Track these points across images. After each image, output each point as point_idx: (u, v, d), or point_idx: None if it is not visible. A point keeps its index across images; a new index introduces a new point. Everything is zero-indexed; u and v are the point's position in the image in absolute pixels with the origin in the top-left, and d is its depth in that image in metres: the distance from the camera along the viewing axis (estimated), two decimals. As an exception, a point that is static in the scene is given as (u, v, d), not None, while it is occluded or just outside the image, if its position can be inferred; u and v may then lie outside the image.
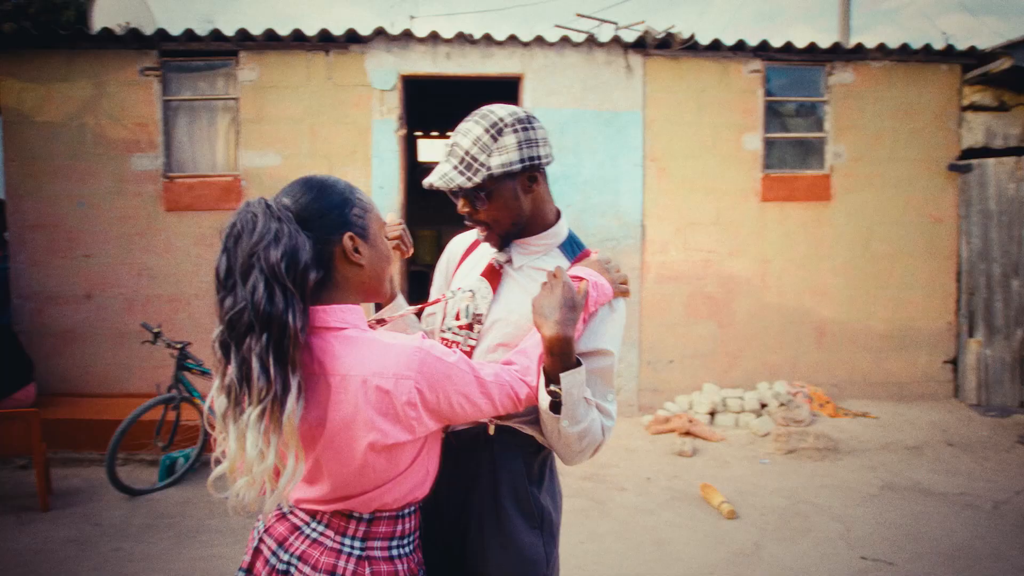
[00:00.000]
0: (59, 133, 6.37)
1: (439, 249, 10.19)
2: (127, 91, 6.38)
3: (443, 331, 1.80)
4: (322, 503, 1.43)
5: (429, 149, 12.06)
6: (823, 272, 6.90)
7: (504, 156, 1.61)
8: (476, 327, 1.74)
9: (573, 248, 1.79)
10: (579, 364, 1.53)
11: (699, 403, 6.51)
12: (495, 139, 1.61)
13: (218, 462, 1.33)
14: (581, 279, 1.61)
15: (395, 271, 1.90)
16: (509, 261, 1.76)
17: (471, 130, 1.63)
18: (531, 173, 1.66)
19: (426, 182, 1.67)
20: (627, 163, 6.63)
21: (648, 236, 6.72)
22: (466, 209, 1.70)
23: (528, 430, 1.70)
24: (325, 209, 1.39)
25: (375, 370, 1.33)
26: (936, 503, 4.78)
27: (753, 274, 6.83)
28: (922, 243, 6.95)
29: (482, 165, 1.60)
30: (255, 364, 1.26)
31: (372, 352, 1.34)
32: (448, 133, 11.52)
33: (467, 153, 1.62)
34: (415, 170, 10.28)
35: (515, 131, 1.62)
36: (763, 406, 6.49)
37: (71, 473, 5.32)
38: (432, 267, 2.18)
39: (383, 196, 6.48)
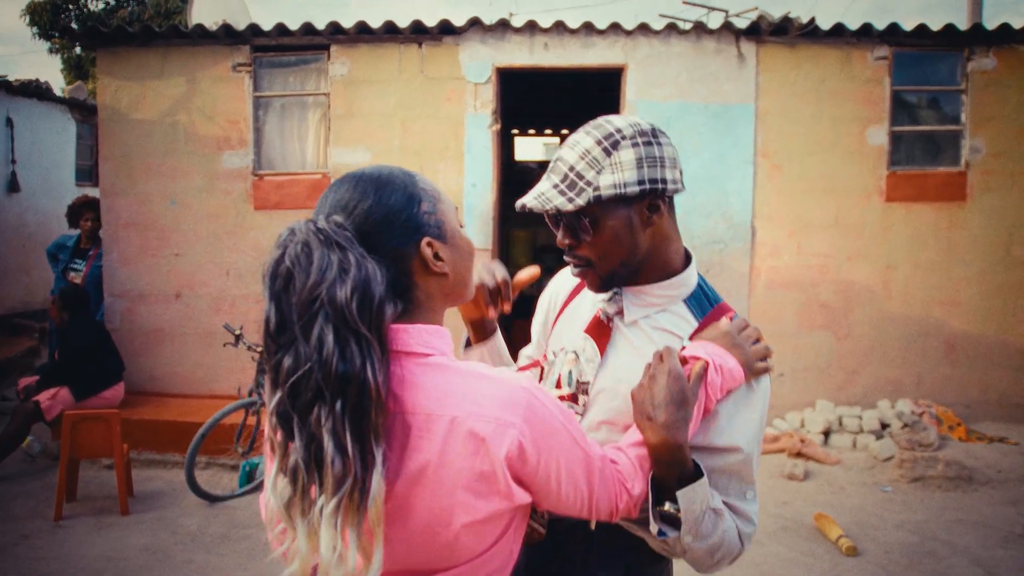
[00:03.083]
0: (153, 131, 6.36)
1: (534, 251, 9.98)
2: (219, 88, 6.31)
3: None
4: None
5: (526, 147, 11.77)
6: (955, 280, 6.26)
7: (617, 175, 1.26)
8: (581, 398, 1.37)
9: (703, 303, 1.40)
10: (699, 472, 1.17)
11: (812, 421, 6.00)
12: (608, 153, 1.27)
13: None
14: (698, 359, 1.23)
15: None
16: (620, 313, 1.37)
17: (580, 142, 1.30)
18: (652, 201, 1.30)
19: (519, 203, 1.31)
20: (736, 160, 6.16)
21: (758, 239, 6.23)
22: (567, 240, 1.32)
23: (639, 531, 1.31)
24: (390, 215, 1.08)
25: (471, 409, 1.01)
26: (1101, 547, 4.17)
27: (875, 281, 6.26)
28: (1072, 249, 6.23)
29: (588, 184, 1.26)
30: (328, 443, 0.95)
31: (468, 386, 1.03)
32: (546, 131, 11.22)
33: (571, 169, 1.28)
34: (511, 168, 10.01)
35: (635, 145, 1.27)
36: (884, 426, 5.92)
37: (154, 475, 5.26)
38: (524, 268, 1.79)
39: (476, 195, 6.21)
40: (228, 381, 6.21)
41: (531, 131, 11.59)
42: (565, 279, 1.58)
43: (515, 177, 9.34)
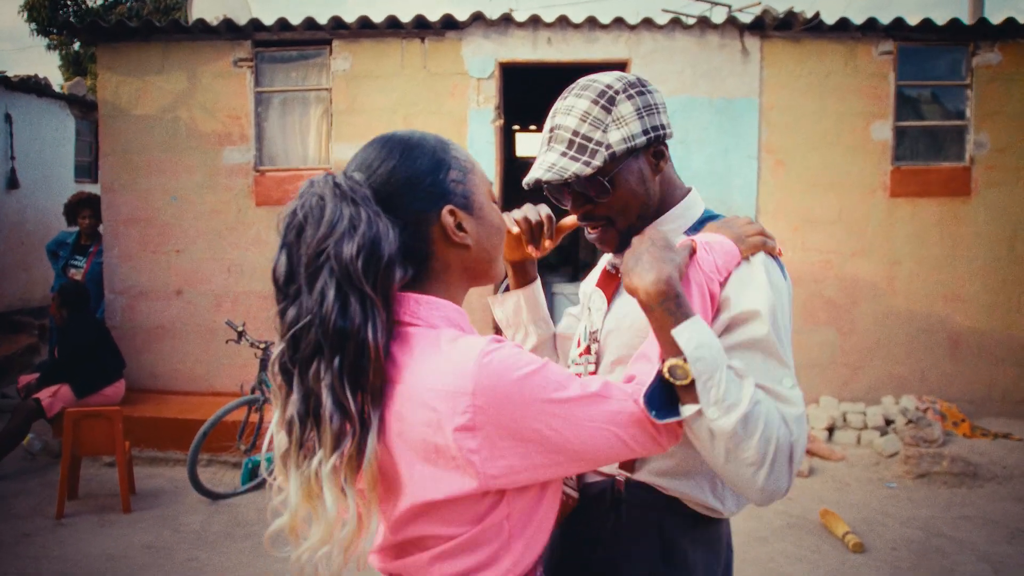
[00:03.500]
0: (153, 126, 6.32)
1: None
2: (220, 83, 6.27)
3: (568, 365, 1.42)
4: (379, 553, 1.08)
5: (527, 143, 11.73)
6: (959, 276, 6.23)
7: (623, 129, 1.26)
8: (593, 347, 1.35)
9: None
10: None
11: (816, 417, 5.97)
12: (608, 110, 1.26)
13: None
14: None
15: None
16: None
17: (575, 105, 1.28)
18: (657, 147, 1.31)
19: (528, 179, 1.28)
20: (740, 155, 6.13)
21: (762, 234, 6.19)
22: (582, 206, 1.30)
23: (671, 488, 1.25)
24: (414, 178, 1.06)
25: (427, 383, 0.97)
26: (1109, 543, 4.15)
27: (879, 277, 6.23)
28: (1076, 245, 6.22)
29: (599, 144, 1.25)
30: (326, 397, 0.94)
31: (429, 357, 1.00)
32: (549, 128, 11.19)
33: (576, 133, 1.26)
34: (513, 165, 9.98)
35: (630, 97, 1.28)
36: (888, 423, 5.90)
37: (156, 473, 5.23)
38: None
39: (478, 190, 6.17)
40: (230, 378, 6.18)
41: (532, 127, 11.54)
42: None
43: (517, 173, 9.30)
